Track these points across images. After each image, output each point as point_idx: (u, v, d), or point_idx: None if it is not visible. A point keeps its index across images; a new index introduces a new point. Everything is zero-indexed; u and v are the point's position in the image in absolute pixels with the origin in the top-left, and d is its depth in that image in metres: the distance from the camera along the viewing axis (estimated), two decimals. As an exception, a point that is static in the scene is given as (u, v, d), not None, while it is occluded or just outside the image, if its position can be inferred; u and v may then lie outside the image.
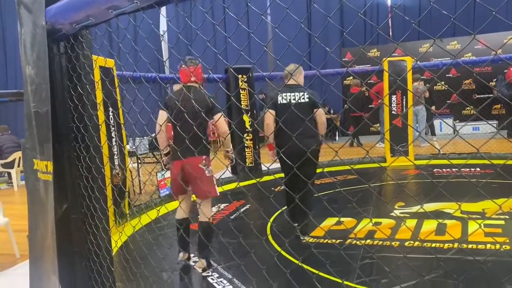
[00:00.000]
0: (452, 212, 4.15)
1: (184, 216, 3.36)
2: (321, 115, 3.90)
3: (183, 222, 3.33)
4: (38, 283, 2.10)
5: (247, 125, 7.28)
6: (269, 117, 3.98)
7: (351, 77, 11.26)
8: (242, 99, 7.23)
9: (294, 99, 3.90)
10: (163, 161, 3.49)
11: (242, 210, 5.07)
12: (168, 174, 5.10)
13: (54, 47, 1.81)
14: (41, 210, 1.98)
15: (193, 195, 3.42)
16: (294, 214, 3.97)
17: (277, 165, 4.29)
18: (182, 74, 3.35)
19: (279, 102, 3.93)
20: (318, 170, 4.37)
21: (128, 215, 4.62)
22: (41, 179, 1.94)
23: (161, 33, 1.79)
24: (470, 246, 3.37)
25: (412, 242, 3.57)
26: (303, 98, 3.89)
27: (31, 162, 2.04)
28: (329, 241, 3.72)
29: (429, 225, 3.93)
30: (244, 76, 7.13)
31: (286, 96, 3.93)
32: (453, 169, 6.38)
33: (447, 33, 11.16)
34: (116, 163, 4.59)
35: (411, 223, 4.04)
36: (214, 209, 5.16)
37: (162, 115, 3.29)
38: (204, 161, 3.21)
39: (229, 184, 6.54)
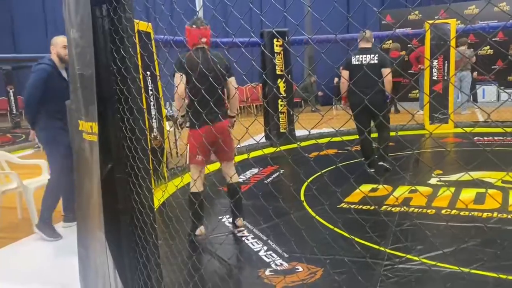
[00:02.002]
0: (493, 181, 4.04)
1: (202, 189, 3.19)
2: (386, 73, 4.53)
3: (201, 195, 3.08)
4: (85, 237, 2.22)
5: (282, 90, 7.22)
6: (345, 75, 4.75)
7: (390, 41, 10.87)
8: (277, 63, 7.13)
9: (365, 60, 4.61)
10: (179, 121, 3.21)
11: (276, 174, 5.11)
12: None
13: (97, 10, 1.83)
14: (87, 169, 2.07)
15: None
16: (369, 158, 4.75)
17: (315, 131, 4.96)
18: (192, 35, 3.08)
19: (352, 63, 4.68)
20: (392, 134, 4.97)
21: (166, 176, 4.76)
22: (86, 139, 2.02)
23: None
24: (510, 216, 3.29)
25: (449, 210, 3.52)
26: (373, 60, 4.58)
27: (76, 123, 2.11)
28: (364, 207, 3.72)
29: (468, 194, 3.85)
30: (280, 40, 7.01)
31: (358, 57, 4.66)
32: (495, 138, 6.16)
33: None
34: (155, 126, 4.69)
35: (449, 191, 3.96)
36: (249, 173, 5.23)
37: (179, 78, 2.96)
38: (229, 124, 3.22)
39: (263, 149, 6.58)
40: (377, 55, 4.58)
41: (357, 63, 4.65)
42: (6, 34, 16.23)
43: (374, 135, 5.08)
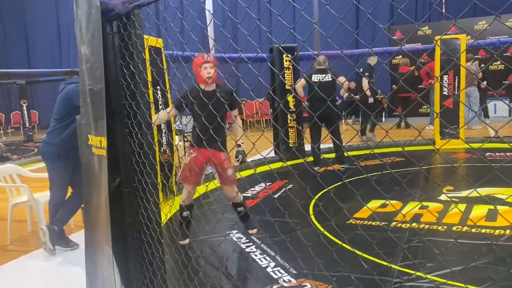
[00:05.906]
0: (504, 198, 3.98)
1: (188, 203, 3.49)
2: (342, 79, 5.45)
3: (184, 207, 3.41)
4: (92, 251, 2.23)
5: (291, 105, 7.23)
6: (301, 83, 5.93)
7: (399, 56, 10.88)
8: (286, 78, 7.16)
9: (323, 79, 5.71)
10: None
11: (284, 189, 5.09)
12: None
13: (107, 26, 1.87)
14: (95, 183, 2.08)
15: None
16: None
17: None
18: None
19: (312, 80, 5.70)
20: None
21: (175, 191, 4.77)
22: (95, 153, 2.04)
23: (209, 12, 1.80)
24: (523, 233, 3.23)
25: (460, 227, 3.47)
26: (328, 78, 5.71)
27: (86, 138, 2.14)
28: (373, 223, 3.68)
29: (479, 210, 3.79)
30: (289, 55, 7.05)
31: (317, 76, 5.76)
32: (507, 153, 6.09)
33: (506, 8, 10.45)
34: (164, 140, 4.72)
35: (460, 207, 3.91)
36: (258, 188, 5.22)
37: None
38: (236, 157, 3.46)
39: (271, 164, 6.57)
40: (329, 75, 5.70)
41: (316, 80, 5.67)
42: (20, 49, 16.58)
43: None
